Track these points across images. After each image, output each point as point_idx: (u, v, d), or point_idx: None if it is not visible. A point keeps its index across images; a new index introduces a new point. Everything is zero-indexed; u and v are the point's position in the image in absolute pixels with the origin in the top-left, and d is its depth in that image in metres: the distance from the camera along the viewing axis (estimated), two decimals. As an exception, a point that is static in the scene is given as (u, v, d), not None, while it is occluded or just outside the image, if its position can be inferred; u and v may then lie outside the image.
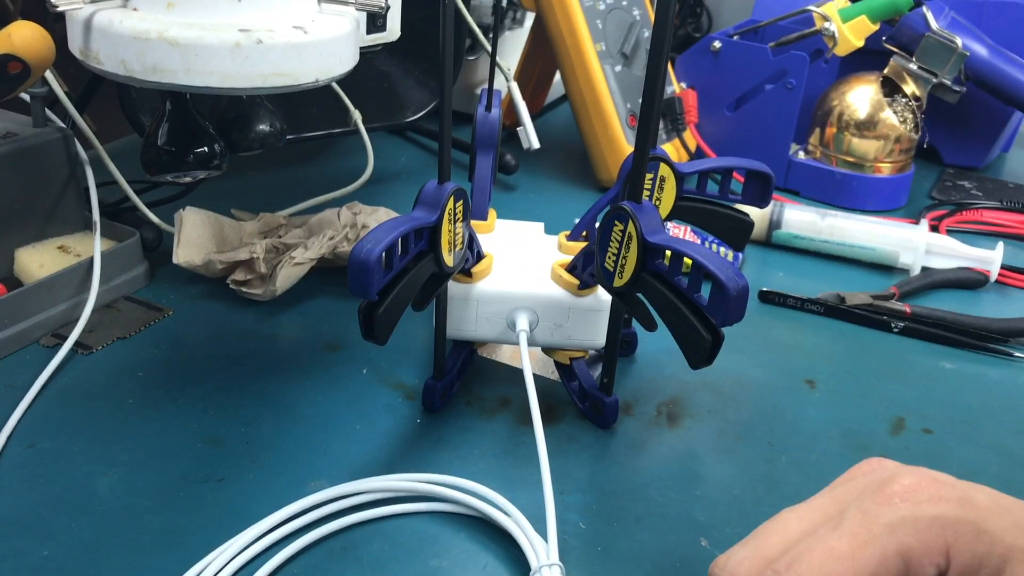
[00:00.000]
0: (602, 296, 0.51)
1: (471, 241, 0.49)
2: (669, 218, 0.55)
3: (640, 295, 0.44)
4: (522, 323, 0.51)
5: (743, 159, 0.55)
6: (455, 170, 0.52)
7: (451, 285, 0.50)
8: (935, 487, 0.29)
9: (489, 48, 0.59)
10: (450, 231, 0.45)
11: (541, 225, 0.60)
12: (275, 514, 0.43)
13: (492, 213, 0.59)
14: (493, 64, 0.59)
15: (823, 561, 0.29)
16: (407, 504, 0.45)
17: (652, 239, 0.41)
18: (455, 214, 0.45)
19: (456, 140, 0.86)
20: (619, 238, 0.43)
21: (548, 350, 0.54)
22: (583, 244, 0.56)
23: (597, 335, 0.52)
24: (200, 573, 0.40)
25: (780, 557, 0.30)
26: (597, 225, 0.56)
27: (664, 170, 0.53)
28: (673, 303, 0.41)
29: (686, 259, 0.41)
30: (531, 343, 0.51)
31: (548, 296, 0.51)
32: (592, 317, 0.51)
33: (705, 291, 0.40)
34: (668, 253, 0.41)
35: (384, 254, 0.39)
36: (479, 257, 0.52)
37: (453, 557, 0.42)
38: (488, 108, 0.59)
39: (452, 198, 0.44)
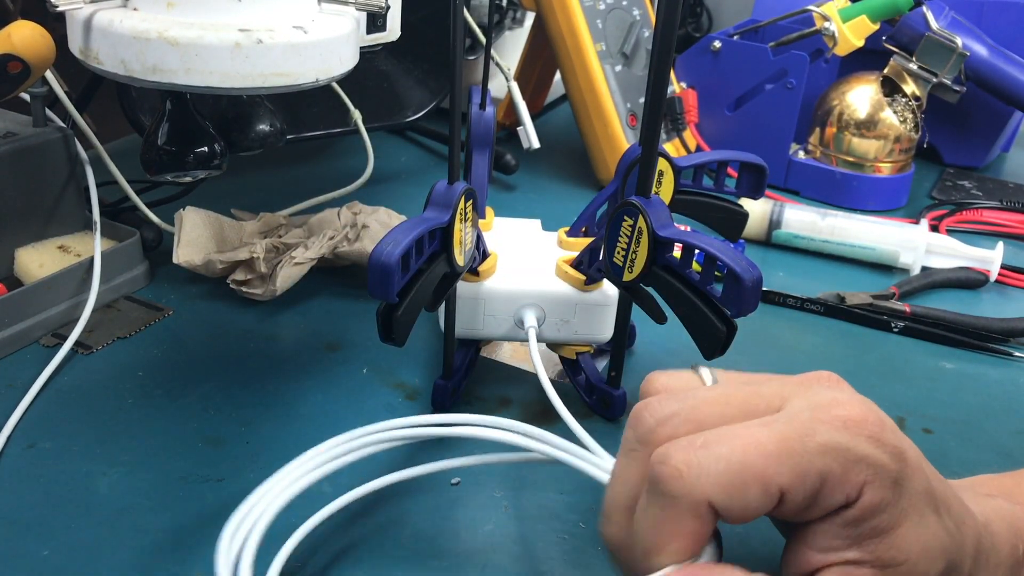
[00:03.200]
0: (608, 291, 0.51)
1: (478, 240, 0.49)
2: None
3: (650, 289, 0.44)
4: (530, 320, 0.51)
5: (738, 152, 0.55)
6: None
7: (459, 284, 0.50)
8: (877, 428, 0.29)
9: (491, 48, 0.59)
10: (461, 231, 0.45)
11: (538, 222, 0.60)
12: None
13: (490, 211, 0.59)
14: (487, 61, 0.59)
15: (746, 449, 0.28)
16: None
17: (663, 233, 0.41)
18: (466, 214, 0.45)
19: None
20: (629, 233, 0.43)
21: (554, 346, 0.54)
22: (583, 240, 0.56)
23: (604, 330, 0.52)
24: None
25: (709, 430, 0.29)
26: (598, 220, 0.57)
27: (662, 164, 0.53)
28: (686, 296, 0.41)
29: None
30: (538, 339, 0.51)
31: (555, 292, 0.51)
32: (599, 312, 0.51)
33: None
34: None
35: (402, 256, 0.39)
36: (484, 256, 0.52)
37: (459, 554, 0.42)
38: (482, 106, 0.59)
39: (463, 198, 0.44)
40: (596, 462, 0.40)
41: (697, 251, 0.41)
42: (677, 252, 0.42)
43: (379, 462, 0.45)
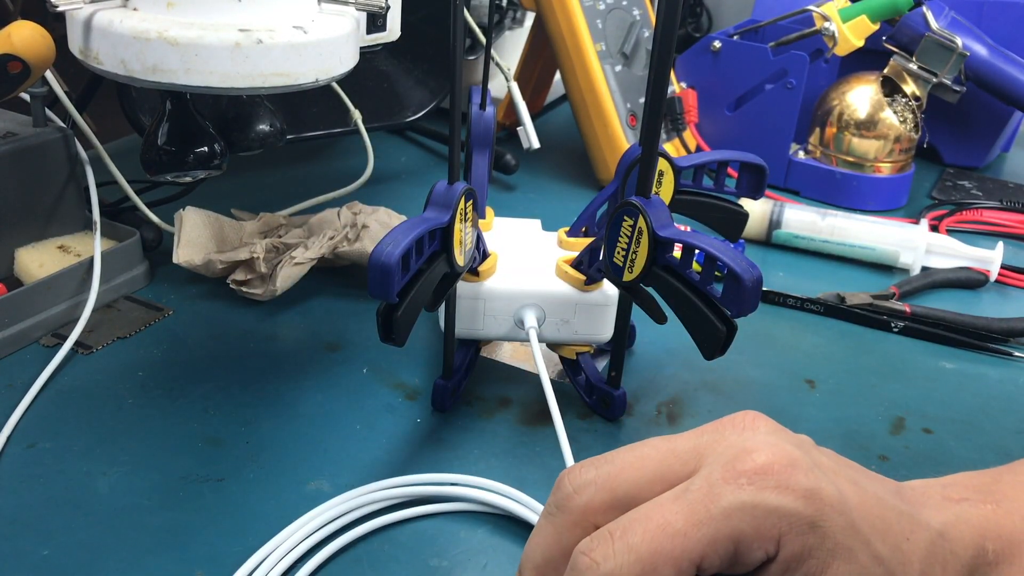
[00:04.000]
0: (608, 291, 0.51)
1: (478, 240, 0.49)
2: None
3: (650, 289, 0.44)
4: (530, 320, 0.51)
5: (737, 152, 0.55)
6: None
7: (459, 284, 0.50)
8: (786, 473, 0.29)
9: (490, 48, 0.59)
10: (461, 231, 0.45)
11: (538, 222, 0.60)
12: (279, 535, 0.42)
13: (490, 211, 0.59)
14: (487, 61, 0.59)
15: (656, 535, 0.29)
16: (420, 507, 0.45)
17: (663, 233, 0.42)
18: (466, 214, 0.45)
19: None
20: (629, 233, 0.43)
21: (554, 346, 0.54)
22: (583, 240, 0.56)
23: (604, 329, 0.52)
24: None
25: (622, 515, 0.30)
26: (598, 220, 0.57)
27: (662, 164, 0.53)
28: (686, 296, 0.41)
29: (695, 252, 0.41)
30: (538, 339, 0.52)
31: (555, 292, 0.51)
32: (599, 312, 0.51)
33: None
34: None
35: (402, 256, 0.39)
36: (484, 256, 0.52)
37: (458, 554, 0.42)
38: (482, 106, 0.59)
39: (463, 198, 0.44)
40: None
41: (697, 251, 0.41)
42: (677, 252, 0.42)
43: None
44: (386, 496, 0.45)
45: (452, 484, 0.46)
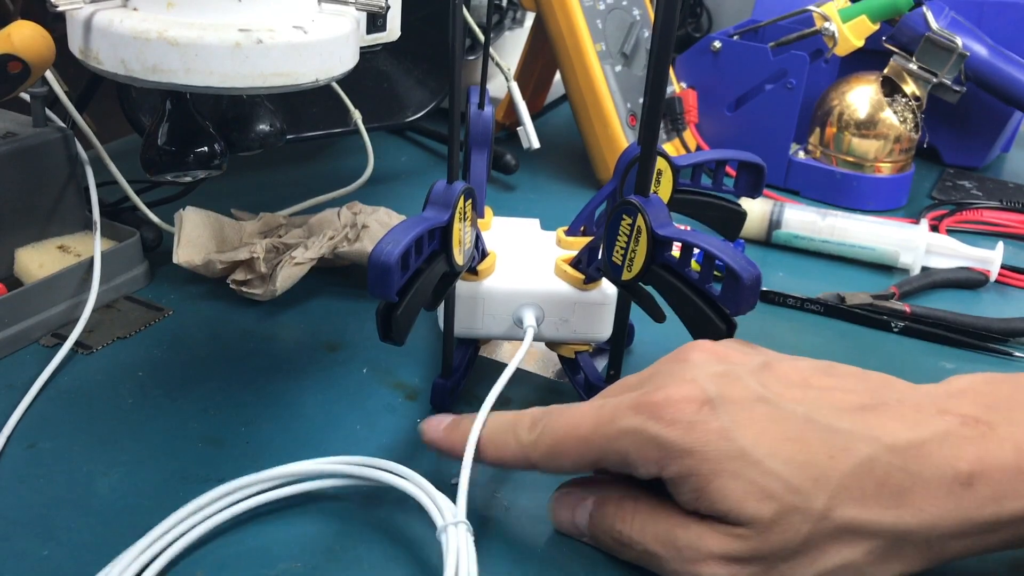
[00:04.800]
0: (607, 290, 0.51)
1: (477, 239, 0.49)
2: None
3: (649, 287, 0.44)
4: (529, 319, 0.51)
5: (736, 151, 0.55)
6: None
7: (458, 284, 0.50)
8: (676, 408, 0.36)
9: (489, 47, 0.59)
10: (460, 230, 0.45)
11: (537, 221, 0.60)
12: (167, 519, 0.42)
13: (489, 211, 0.59)
14: (486, 60, 0.59)
15: (567, 430, 0.38)
16: (305, 483, 0.44)
17: (662, 232, 0.42)
18: (465, 213, 0.45)
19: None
20: (627, 232, 0.43)
21: (552, 344, 0.54)
22: (582, 239, 0.56)
23: (603, 328, 0.52)
24: None
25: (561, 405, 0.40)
26: (596, 219, 0.57)
27: (661, 163, 0.53)
28: (686, 294, 0.41)
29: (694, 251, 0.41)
30: (537, 338, 0.52)
31: (554, 291, 0.51)
32: (598, 311, 0.51)
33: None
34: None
35: (402, 255, 0.39)
36: (483, 255, 0.52)
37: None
38: (481, 106, 0.59)
39: (462, 197, 0.44)
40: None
41: (696, 250, 0.41)
42: (676, 251, 0.42)
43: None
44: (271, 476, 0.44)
45: (339, 463, 0.45)
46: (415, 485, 0.42)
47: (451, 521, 0.39)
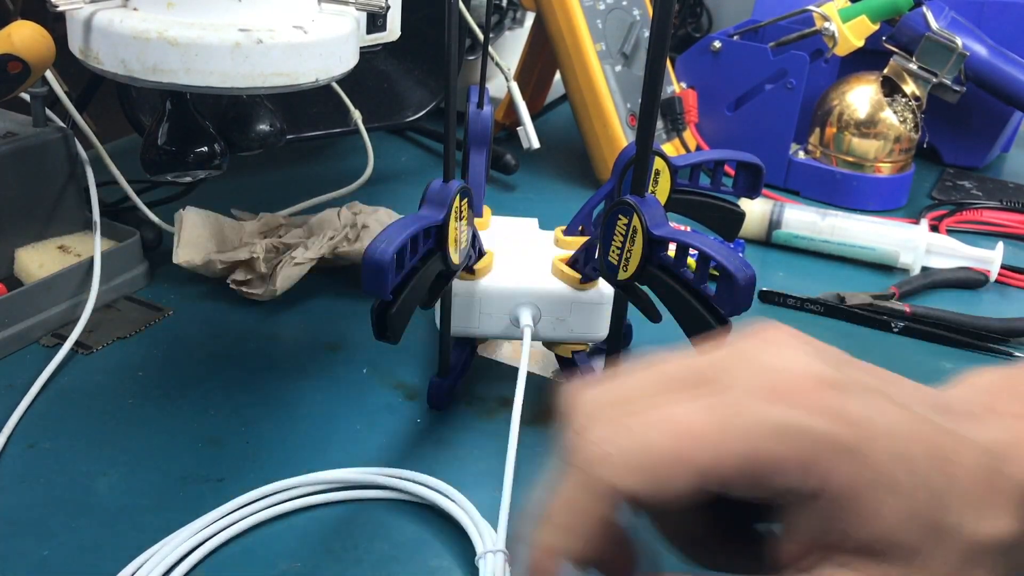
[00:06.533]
0: (604, 289, 0.51)
1: (473, 238, 0.49)
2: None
3: (645, 287, 0.44)
4: (525, 318, 0.51)
5: (734, 151, 0.55)
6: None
7: (455, 283, 0.50)
8: (816, 393, 0.26)
9: (488, 47, 0.59)
10: (456, 229, 0.45)
11: (535, 221, 0.60)
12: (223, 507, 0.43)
13: (487, 210, 0.59)
14: (485, 60, 0.59)
15: (679, 435, 0.25)
16: (354, 491, 0.45)
17: (657, 232, 0.42)
18: (461, 212, 0.45)
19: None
20: (623, 232, 0.43)
21: (549, 344, 0.54)
22: (580, 238, 0.56)
23: (599, 328, 0.52)
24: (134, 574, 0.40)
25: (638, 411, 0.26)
26: (594, 219, 0.57)
27: (659, 164, 0.53)
28: (681, 295, 0.41)
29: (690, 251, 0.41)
30: (534, 338, 0.52)
31: (551, 291, 0.51)
32: (594, 310, 0.51)
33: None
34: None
35: (396, 254, 0.39)
36: (480, 254, 0.52)
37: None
38: (480, 105, 0.59)
39: (458, 196, 0.44)
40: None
41: (691, 250, 0.41)
42: (672, 251, 0.42)
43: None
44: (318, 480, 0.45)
45: (388, 475, 0.46)
46: (460, 508, 0.43)
47: (491, 549, 0.39)
